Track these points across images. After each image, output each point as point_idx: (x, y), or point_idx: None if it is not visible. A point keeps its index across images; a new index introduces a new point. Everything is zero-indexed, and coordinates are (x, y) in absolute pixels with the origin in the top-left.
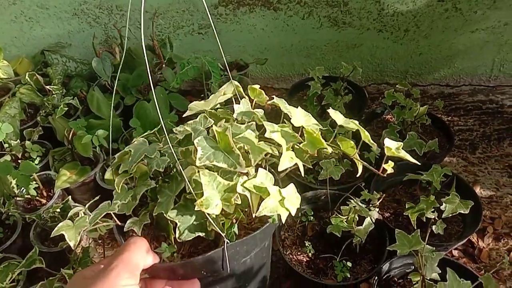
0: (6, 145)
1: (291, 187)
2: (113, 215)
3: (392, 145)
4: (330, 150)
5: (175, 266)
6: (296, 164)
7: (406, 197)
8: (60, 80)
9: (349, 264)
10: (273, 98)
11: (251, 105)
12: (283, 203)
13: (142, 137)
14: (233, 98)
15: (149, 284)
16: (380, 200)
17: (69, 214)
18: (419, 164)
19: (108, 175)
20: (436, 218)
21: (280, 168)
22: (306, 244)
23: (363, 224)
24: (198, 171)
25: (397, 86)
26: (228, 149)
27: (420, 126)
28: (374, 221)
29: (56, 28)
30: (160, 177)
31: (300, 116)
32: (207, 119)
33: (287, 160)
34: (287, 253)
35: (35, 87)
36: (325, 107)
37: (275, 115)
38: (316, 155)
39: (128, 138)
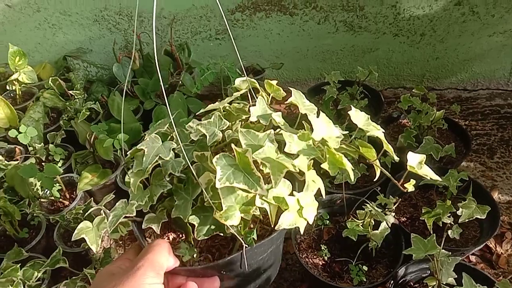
0: (30, 148)
1: (310, 195)
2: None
3: (414, 162)
4: (352, 173)
5: (194, 269)
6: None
7: (422, 202)
8: (81, 85)
9: (365, 268)
10: (290, 95)
11: (268, 99)
12: (301, 212)
13: (154, 132)
14: (248, 94)
15: (170, 280)
16: (396, 205)
17: (87, 214)
18: (440, 179)
19: (128, 177)
20: (452, 223)
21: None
22: (322, 248)
23: (379, 228)
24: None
25: (413, 90)
26: (248, 169)
27: (436, 131)
28: (390, 226)
29: (78, 34)
30: (175, 175)
31: (321, 127)
32: (222, 120)
33: (311, 188)
34: (303, 256)
35: (58, 91)
36: (341, 111)
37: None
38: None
39: None
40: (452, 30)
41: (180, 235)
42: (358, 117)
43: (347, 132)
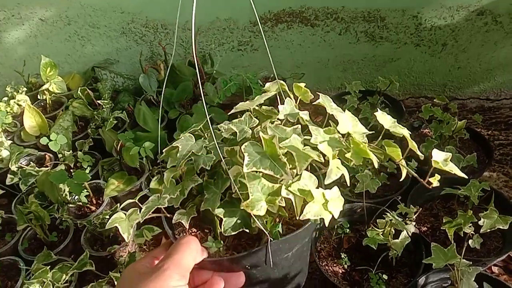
0: (60, 155)
1: (335, 189)
2: (162, 207)
3: (439, 158)
4: (375, 161)
5: (221, 261)
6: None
7: (443, 212)
8: (109, 94)
9: (385, 276)
10: (318, 97)
11: (296, 102)
12: (327, 206)
13: (188, 132)
14: (277, 97)
15: (196, 275)
16: (417, 214)
17: (122, 206)
18: (466, 177)
19: (152, 184)
20: (473, 233)
21: (327, 182)
22: (342, 256)
23: (399, 237)
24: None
25: (434, 100)
26: (275, 156)
27: (458, 141)
28: (410, 235)
29: (106, 46)
30: (206, 172)
31: (347, 122)
32: (252, 118)
33: (334, 172)
34: (323, 264)
35: (86, 101)
36: (362, 120)
37: (317, 113)
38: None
39: None
40: (475, 40)
41: (208, 233)
42: (384, 118)
43: (373, 132)
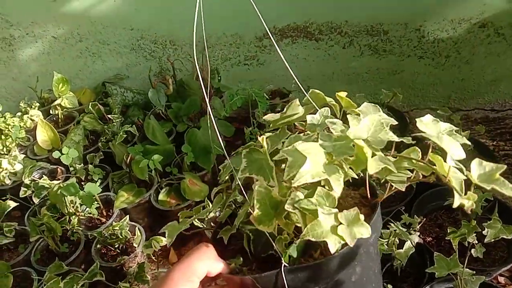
0: (71, 168)
1: (355, 211)
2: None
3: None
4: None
5: (235, 278)
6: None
7: (448, 222)
8: (119, 109)
9: (389, 286)
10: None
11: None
12: (336, 229)
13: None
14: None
15: None
16: (421, 224)
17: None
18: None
19: (161, 196)
20: (477, 242)
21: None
22: None
23: (404, 247)
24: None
25: (438, 111)
26: (267, 163)
27: None
28: (414, 245)
29: (116, 62)
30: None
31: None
32: (285, 132)
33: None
34: None
35: (97, 115)
36: None
37: None
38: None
39: (180, 162)
40: (478, 52)
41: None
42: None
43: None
